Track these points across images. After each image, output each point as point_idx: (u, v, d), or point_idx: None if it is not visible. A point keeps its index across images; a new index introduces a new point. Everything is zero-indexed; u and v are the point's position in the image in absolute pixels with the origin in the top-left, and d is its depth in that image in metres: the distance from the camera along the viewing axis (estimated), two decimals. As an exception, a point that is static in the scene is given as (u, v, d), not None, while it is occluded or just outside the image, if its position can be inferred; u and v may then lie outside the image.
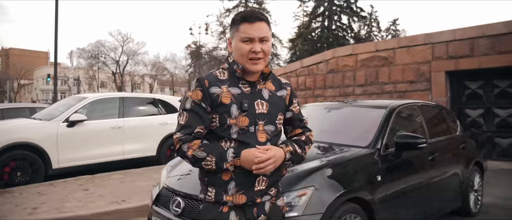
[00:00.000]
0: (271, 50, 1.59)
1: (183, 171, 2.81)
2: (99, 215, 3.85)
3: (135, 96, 6.87)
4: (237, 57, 1.51)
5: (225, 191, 1.48)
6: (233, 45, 1.53)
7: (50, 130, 5.56)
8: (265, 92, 1.56)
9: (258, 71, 1.52)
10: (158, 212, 2.62)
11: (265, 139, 1.51)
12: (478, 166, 4.17)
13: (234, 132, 1.48)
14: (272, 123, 1.54)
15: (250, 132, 1.49)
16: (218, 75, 1.53)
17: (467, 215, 3.94)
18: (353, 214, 2.45)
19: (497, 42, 7.91)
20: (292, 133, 1.68)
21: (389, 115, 3.17)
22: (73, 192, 4.66)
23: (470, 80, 8.60)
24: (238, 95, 1.50)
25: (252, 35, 1.47)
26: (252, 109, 1.50)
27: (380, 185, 2.68)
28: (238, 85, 1.52)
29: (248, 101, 1.50)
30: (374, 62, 9.72)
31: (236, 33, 1.51)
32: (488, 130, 8.32)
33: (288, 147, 1.54)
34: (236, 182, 1.47)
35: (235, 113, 1.48)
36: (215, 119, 1.49)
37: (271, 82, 1.60)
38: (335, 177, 2.45)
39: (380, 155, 2.83)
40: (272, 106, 1.55)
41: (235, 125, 1.48)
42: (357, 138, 3.00)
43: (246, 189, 1.48)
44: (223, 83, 1.51)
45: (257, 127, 1.50)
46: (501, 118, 8.19)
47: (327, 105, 3.80)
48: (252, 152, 1.44)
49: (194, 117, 1.47)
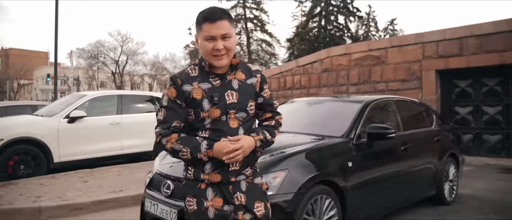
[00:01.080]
0: (235, 44, 1.75)
1: (174, 159, 3.12)
2: (98, 202, 4.17)
3: (133, 93, 7.20)
4: (203, 54, 1.67)
5: (202, 171, 1.68)
6: (199, 43, 1.67)
7: (52, 125, 5.88)
8: (234, 82, 1.70)
9: (222, 66, 1.66)
10: (150, 194, 2.94)
11: (237, 125, 1.67)
12: (453, 158, 4.48)
13: (208, 123, 1.66)
14: (243, 110, 1.69)
15: (222, 121, 1.66)
16: (190, 72, 1.69)
17: (442, 203, 4.25)
18: (324, 195, 2.76)
19: (485, 41, 8.22)
20: (263, 117, 1.83)
21: (363, 108, 3.49)
22: (74, 184, 4.98)
23: (460, 79, 8.90)
24: (208, 90, 1.66)
25: (214, 33, 1.60)
26: (223, 100, 1.65)
27: (351, 171, 3.00)
28: (208, 79, 1.67)
29: (218, 93, 1.65)
30: (367, 61, 10.04)
31: (200, 32, 1.64)
32: (476, 127, 8.63)
33: (259, 136, 1.71)
34: (212, 163, 1.66)
35: (207, 106, 1.64)
36: (190, 113, 1.68)
37: (241, 71, 1.73)
38: (308, 162, 2.77)
39: (353, 144, 3.14)
40: (242, 94, 1.69)
41: (208, 117, 1.65)
42: (333, 129, 3.32)
43: (221, 169, 1.67)
44: (194, 79, 1.67)
45: (228, 116, 1.66)
46: (489, 115, 8.49)
47: (309, 100, 4.12)
48: (223, 144, 1.60)
49: (171, 113, 1.66)
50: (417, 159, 3.80)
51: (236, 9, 32.68)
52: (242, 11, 33.36)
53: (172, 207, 2.66)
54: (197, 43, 1.70)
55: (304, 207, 2.60)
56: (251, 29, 32.96)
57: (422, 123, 4.26)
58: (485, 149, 8.53)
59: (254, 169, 1.78)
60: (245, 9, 33.39)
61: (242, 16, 33.71)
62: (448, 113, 9.01)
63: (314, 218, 2.71)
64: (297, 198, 2.56)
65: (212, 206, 1.69)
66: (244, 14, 33.76)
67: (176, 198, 2.71)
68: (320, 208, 2.73)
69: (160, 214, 2.77)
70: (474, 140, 8.66)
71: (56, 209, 3.97)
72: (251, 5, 33.03)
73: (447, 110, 9.01)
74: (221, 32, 1.61)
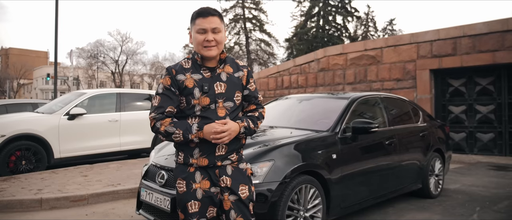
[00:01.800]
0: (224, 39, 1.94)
1: (169, 152, 3.32)
2: (97, 195, 4.37)
3: (131, 92, 7.38)
4: (195, 46, 1.86)
5: (191, 155, 1.86)
6: (192, 37, 1.87)
7: (52, 122, 6.08)
8: (223, 75, 1.89)
9: (212, 56, 1.85)
10: (146, 184, 3.14)
11: (224, 114, 1.86)
12: (439, 153, 4.67)
13: (198, 110, 1.84)
14: (231, 100, 1.88)
15: (211, 109, 1.84)
16: (183, 65, 1.89)
17: (427, 196, 4.44)
18: (309, 185, 2.96)
19: (477, 41, 8.41)
20: (248, 108, 2.00)
21: (349, 104, 3.69)
22: (74, 178, 5.18)
23: (453, 78, 9.09)
24: (200, 80, 1.85)
25: (205, 27, 1.82)
26: (212, 90, 1.84)
27: (335, 162, 3.19)
28: (200, 71, 1.87)
29: (208, 84, 1.84)
30: (363, 60, 10.23)
31: (193, 26, 1.86)
32: (469, 125, 8.82)
33: (243, 123, 1.89)
34: (200, 149, 1.85)
35: (198, 94, 1.83)
36: (182, 100, 1.86)
37: (229, 65, 1.93)
38: (293, 153, 2.96)
39: (338, 138, 3.34)
40: (230, 86, 1.88)
41: (198, 104, 1.83)
42: (320, 124, 3.51)
43: (208, 154, 1.85)
44: (187, 71, 1.87)
45: (217, 104, 1.85)
46: (482, 114, 8.67)
47: (300, 97, 4.31)
48: (212, 125, 1.79)
49: (165, 99, 1.83)
50: (402, 154, 3.99)
51: (235, 9, 32.98)
52: (241, 11, 33.63)
53: (166, 195, 2.85)
54: (190, 38, 1.90)
55: (289, 195, 2.79)
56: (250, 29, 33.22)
57: (408, 119, 4.45)
58: (478, 147, 8.71)
59: (239, 155, 1.97)
60: (244, 9, 33.67)
61: (241, 16, 33.95)
62: (442, 112, 9.20)
63: (299, 206, 2.90)
64: (282, 186, 2.75)
65: (200, 187, 1.87)
66: (243, 14, 34.00)
67: (170, 187, 2.91)
68: (304, 197, 2.93)
69: (154, 202, 2.97)
70: (467, 139, 8.86)
71: (56, 200, 4.17)
72: (250, 5, 33.33)
73: (441, 109, 9.21)
74: (212, 26, 1.83)
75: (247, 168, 2.00)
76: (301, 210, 2.91)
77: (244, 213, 1.90)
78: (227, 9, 33.08)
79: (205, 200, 1.87)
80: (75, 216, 3.86)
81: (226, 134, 1.80)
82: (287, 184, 2.78)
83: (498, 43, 8.14)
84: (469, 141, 8.85)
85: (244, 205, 1.90)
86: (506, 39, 8.07)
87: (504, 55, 8.07)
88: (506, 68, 8.30)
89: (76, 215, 3.90)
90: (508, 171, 6.67)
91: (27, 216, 3.88)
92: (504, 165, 7.37)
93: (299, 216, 2.90)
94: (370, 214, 3.86)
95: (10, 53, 56.20)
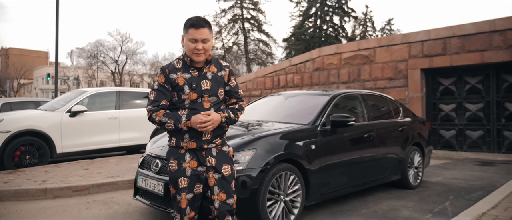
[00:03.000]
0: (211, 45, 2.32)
1: (163, 143, 3.67)
2: (97, 185, 4.73)
3: (130, 90, 7.75)
4: (187, 51, 2.25)
5: (182, 139, 2.23)
6: (184, 42, 2.24)
7: (55, 119, 6.45)
8: (208, 74, 2.27)
9: (200, 61, 2.25)
10: (142, 172, 3.50)
11: (209, 106, 2.24)
12: (419, 147, 5.01)
13: (187, 103, 2.22)
14: (215, 95, 2.26)
15: (198, 103, 2.22)
16: (175, 65, 2.26)
17: (407, 187, 4.79)
18: (288, 172, 3.30)
19: (466, 41, 8.75)
20: (229, 102, 2.38)
21: (330, 100, 4.04)
22: (76, 171, 5.55)
23: (444, 77, 9.43)
24: (189, 78, 2.23)
25: (196, 37, 2.19)
26: (199, 87, 2.22)
27: (314, 153, 3.54)
28: (189, 71, 2.25)
29: (196, 82, 2.22)
30: (356, 60, 10.58)
31: (186, 34, 2.22)
32: (459, 123, 9.15)
33: (224, 114, 2.26)
34: (189, 134, 2.22)
35: (187, 91, 2.20)
36: (174, 95, 2.24)
37: (214, 66, 2.31)
38: (275, 143, 3.31)
39: (317, 131, 3.69)
40: (214, 83, 2.26)
41: (188, 99, 2.21)
42: (302, 118, 3.86)
43: (196, 139, 2.22)
44: (178, 70, 2.24)
45: (203, 99, 2.23)
46: (471, 112, 9.01)
47: (286, 94, 4.66)
48: (197, 116, 2.16)
49: (160, 94, 2.21)
50: (380, 146, 4.33)
51: (233, 9, 33.41)
52: (240, 11, 34.06)
53: (160, 181, 3.21)
54: (182, 42, 2.29)
55: (270, 180, 3.14)
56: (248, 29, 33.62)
57: (387, 114, 4.79)
58: (467, 144, 9.05)
59: (222, 140, 2.36)
60: (242, 10, 34.10)
61: (240, 16, 34.37)
62: (433, 110, 9.54)
63: (279, 190, 3.25)
64: (263, 173, 3.10)
65: (189, 166, 2.24)
66: (242, 14, 34.42)
67: (163, 174, 3.26)
68: (284, 183, 3.28)
69: (150, 187, 3.32)
70: (457, 136, 9.19)
71: (59, 190, 4.53)
72: (248, 6, 33.75)
73: (431, 107, 9.54)
74: (202, 37, 2.20)
75: (230, 151, 2.37)
76: (281, 195, 3.26)
77: (226, 189, 2.26)
78: (226, 9, 33.52)
79: (193, 177, 2.25)
80: (77, 204, 4.22)
81: (209, 123, 2.18)
82: (268, 171, 3.13)
83: (486, 43, 8.48)
84: (459, 139, 9.18)
85: (226, 182, 2.27)
86: (493, 39, 8.41)
87: (491, 54, 8.41)
88: (494, 68, 8.63)
89: (78, 203, 4.25)
90: (492, 166, 7.01)
91: (32, 204, 4.23)
92: (490, 160, 7.70)
93: (279, 200, 3.25)
94: (351, 201, 4.20)
95: (10, 53, 56.75)
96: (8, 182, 4.76)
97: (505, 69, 8.54)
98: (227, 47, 33.44)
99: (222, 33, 33.41)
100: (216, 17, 33.51)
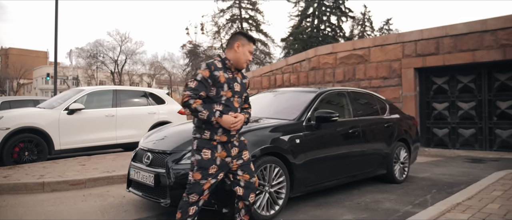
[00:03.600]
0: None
1: (156, 138, 3.88)
2: (94, 179, 4.93)
3: (127, 89, 7.95)
4: (240, 59, 2.72)
5: (216, 133, 2.61)
6: (240, 50, 2.71)
7: (53, 116, 6.65)
8: (238, 78, 2.75)
9: (243, 68, 2.77)
10: (134, 165, 3.70)
11: (237, 106, 2.70)
12: (405, 143, 5.20)
13: (223, 99, 2.62)
14: (240, 97, 2.75)
15: (230, 101, 2.66)
16: (217, 64, 2.68)
17: (392, 181, 4.98)
18: (273, 164, 3.50)
19: (458, 41, 8.93)
20: (244, 106, 2.86)
21: (316, 97, 4.23)
22: (73, 166, 5.74)
23: (437, 76, 9.61)
24: (227, 78, 2.66)
25: (252, 51, 2.79)
26: (233, 88, 2.68)
27: (299, 147, 3.72)
28: (227, 72, 2.68)
29: (232, 83, 2.68)
30: (351, 59, 10.77)
31: (247, 46, 2.74)
32: (452, 121, 9.34)
33: (246, 115, 2.79)
34: (222, 129, 2.61)
35: (226, 88, 2.63)
36: (213, 90, 2.60)
37: (240, 74, 2.80)
38: (261, 137, 3.50)
39: (302, 126, 3.88)
40: (242, 87, 2.75)
41: (225, 96, 2.63)
42: (289, 114, 4.05)
43: (227, 133, 2.63)
44: (220, 69, 2.65)
45: (234, 98, 2.68)
46: (463, 110, 9.19)
47: (277, 91, 4.85)
48: (229, 118, 2.58)
49: (201, 86, 2.57)
50: (366, 142, 4.52)
51: (232, 9, 33.70)
52: (238, 11, 34.37)
53: (150, 173, 3.41)
54: (237, 47, 2.73)
55: (255, 172, 3.32)
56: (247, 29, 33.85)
57: (374, 111, 4.98)
58: (460, 142, 9.23)
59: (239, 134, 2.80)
60: (240, 10, 34.39)
61: (238, 16, 34.64)
62: (426, 108, 9.72)
63: (264, 182, 3.44)
64: (249, 164, 3.28)
65: (219, 156, 2.62)
66: (240, 14, 34.70)
67: (154, 166, 3.46)
68: (269, 175, 3.47)
69: (141, 179, 3.52)
70: (450, 134, 9.37)
71: (57, 184, 4.73)
72: (246, 6, 34.04)
73: (425, 105, 9.73)
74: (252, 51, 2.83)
75: (244, 139, 2.84)
76: (266, 186, 3.45)
77: (249, 171, 2.74)
78: (224, 9, 33.79)
79: (221, 166, 2.64)
80: (73, 196, 4.42)
81: (239, 123, 2.64)
82: (253, 163, 3.31)
83: (478, 42, 8.66)
84: (452, 137, 9.36)
85: (247, 165, 2.75)
86: (485, 39, 8.59)
87: (483, 54, 8.59)
88: (486, 67, 8.82)
89: (74, 196, 4.45)
90: (481, 163, 7.18)
91: (30, 197, 4.43)
92: (480, 158, 7.88)
93: (264, 191, 3.45)
94: (336, 194, 4.39)
95: (10, 53, 57.06)
96: (7, 177, 4.96)
97: (496, 68, 8.72)
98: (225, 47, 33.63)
99: (221, 33, 33.70)
100: (214, 17, 33.84)
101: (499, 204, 3.51)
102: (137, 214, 3.74)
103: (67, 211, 3.87)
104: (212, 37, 33.68)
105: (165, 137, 3.80)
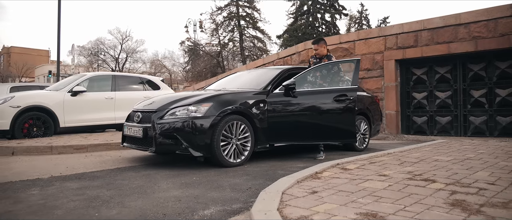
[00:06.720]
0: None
1: (146, 103, 4.84)
2: (94, 145, 5.91)
3: (124, 75, 8.93)
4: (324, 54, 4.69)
5: None
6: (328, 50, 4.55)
7: (59, 97, 7.64)
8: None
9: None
10: (127, 124, 4.67)
11: None
12: (365, 116, 6.10)
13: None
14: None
15: None
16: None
17: (353, 150, 5.88)
18: (239, 121, 4.43)
19: (435, 34, 9.82)
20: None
21: (280, 73, 5.17)
22: (76, 139, 6.73)
23: (416, 67, 10.49)
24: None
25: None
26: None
27: (262, 109, 4.65)
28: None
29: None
30: (338, 52, 11.67)
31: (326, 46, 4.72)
32: (430, 110, 10.21)
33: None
34: None
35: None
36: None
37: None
38: (227, 100, 4.44)
39: (267, 94, 4.81)
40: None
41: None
42: (258, 85, 4.99)
43: None
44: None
45: None
46: (440, 99, 10.05)
47: (251, 70, 5.79)
48: None
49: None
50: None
51: (229, 7, 34.95)
52: (235, 9, 35.63)
53: (140, 127, 4.37)
54: (326, 49, 4.81)
55: (223, 126, 4.26)
56: (244, 27, 34.97)
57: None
58: (437, 129, 10.09)
59: None
60: (238, 8, 35.62)
61: (235, 14, 35.86)
62: (407, 98, 10.60)
63: (231, 135, 4.37)
64: (217, 119, 4.22)
65: None
66: (237, 12, 35.92)
67: (143, 122, 4.42)
68: (235, 130, 4.40)
69: (133, 133, 4.48)
70: (428, 122, 10.24)
71: (63, 147, 5.71)
72: (243, 4, 35.22)
73: (405, 95, 10.61)
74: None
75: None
76: (233, 139, 4.38)
77: None
78: (222, 7, 35.04)
79: None
80: (77, 156, 5.38)
81: None
82: (221, 118, 4.26)
83: (452, 35, 9.55)
84: (430, 124, 10.23)
85: None
86: (458, 31, 9.47)
87: (457, 46, 9.47)
88: (461, 58, 9.69)
89: (78, 156, 5.42)
90: (447, 143, 8.03)
91: (41, 156, 5.41)
92: (450, 141, 8.72)
93: (232, 143, 4.38)
94: (300, 154, 5.30)
95: (11, 52, 58.66)
96: (20, 143, 5.94)
97: (470, 59, 9.59)
98: (223, 44, 34.83)
99: (218, 30, 34.86)
100: (212, 15, 35.11)
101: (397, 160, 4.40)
102: (129, 164, 4.69)
103: (71, 163, 4.83)
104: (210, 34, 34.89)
105: (153, 102, 4.76)
